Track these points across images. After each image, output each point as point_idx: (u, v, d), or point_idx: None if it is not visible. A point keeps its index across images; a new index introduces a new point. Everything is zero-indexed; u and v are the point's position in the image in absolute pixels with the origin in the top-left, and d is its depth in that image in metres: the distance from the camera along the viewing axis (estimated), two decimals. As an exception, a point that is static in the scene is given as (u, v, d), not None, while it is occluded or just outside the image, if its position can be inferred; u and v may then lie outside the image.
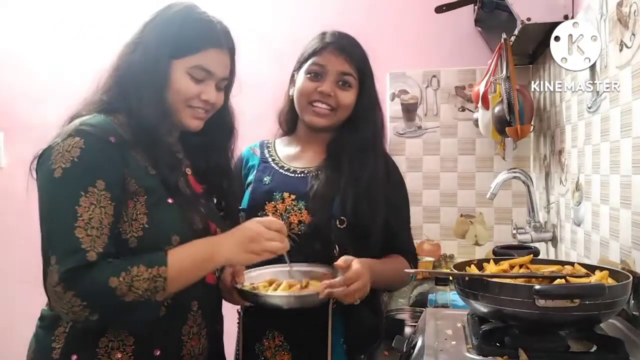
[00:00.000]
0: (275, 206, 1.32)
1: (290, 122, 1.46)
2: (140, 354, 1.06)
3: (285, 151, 1.44)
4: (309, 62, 1.36)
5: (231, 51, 1.17)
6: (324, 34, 1.38)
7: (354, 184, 1.30)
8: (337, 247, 1.29)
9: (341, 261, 1.18)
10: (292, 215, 1.31)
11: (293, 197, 1.32)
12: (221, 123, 1.24)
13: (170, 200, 1.08)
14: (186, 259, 1.05)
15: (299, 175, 1.37)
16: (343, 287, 1.14)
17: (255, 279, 1.27)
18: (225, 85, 1.20)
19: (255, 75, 2.50)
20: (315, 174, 1.35)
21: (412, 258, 1.39)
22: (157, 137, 1.09)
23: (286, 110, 1.46)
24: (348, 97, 1.34)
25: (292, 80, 1.41)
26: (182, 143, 1.22)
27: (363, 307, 1.30)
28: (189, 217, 1.10)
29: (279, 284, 1.24)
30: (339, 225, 1.26)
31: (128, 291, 0.96)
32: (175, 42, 1.10)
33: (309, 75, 1.35)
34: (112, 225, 1.01)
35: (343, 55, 1.34)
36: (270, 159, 1.42)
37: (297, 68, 1.40)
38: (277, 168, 1.40)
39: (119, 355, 1.04)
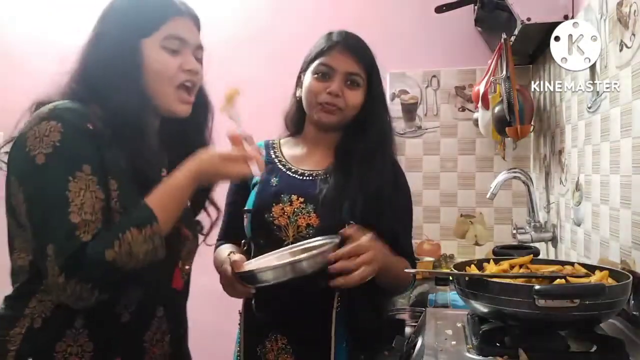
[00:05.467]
0: (282, 208, 1.30)
1: (296, 124, 1.45)
2: None
3: (292, 152, 1.42)
4: (317, 62, 1.34)
5: (194, 19, 1.12)
6: (330, 33, 1.36)
7: (363, 188, 1.29)
8: None
9: (350, 230, 1.15)
10: (300, 218, 1.29)
11: (301, 199, 1.30)
12: (199, 100, 1.15)
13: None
14: (168, 200, 1.00)
15: (307, 177, 1.35)
16: (348, 260, 1.11)
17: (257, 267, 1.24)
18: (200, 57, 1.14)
19: (255, 75, 2.52)
20: (323, 177, 1.34)
21: (411, 263, 1.38)
22: (139, 129, 1.03)
23: (293, 112, 1.44)
24: (356, 97, 1.33)
25: (299, 82, 1.40)
26: (160, 135, 1.14)
27: (366, 309, 1.29)
28: None
29: None
30: None
31: (130, 259, 0.92)
32: (140, 22, 1.06)
33: (316, 76, 1.33)
34: (103, 210, 0.95)
35: (351, 55, 1.32)
36: (276, 160, 1.40)
37: (304, 69, 1.38)
38: (284, 170, 1.38)
39: None
